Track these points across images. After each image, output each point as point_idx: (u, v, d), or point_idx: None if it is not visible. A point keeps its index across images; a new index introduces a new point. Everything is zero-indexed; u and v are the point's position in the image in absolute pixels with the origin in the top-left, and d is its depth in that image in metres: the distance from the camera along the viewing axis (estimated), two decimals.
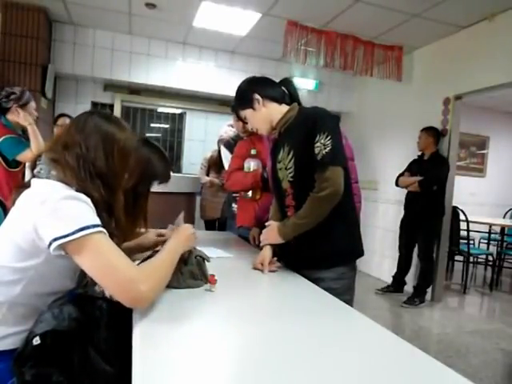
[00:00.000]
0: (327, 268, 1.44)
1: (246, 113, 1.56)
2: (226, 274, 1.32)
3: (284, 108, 1.53)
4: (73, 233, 0.87)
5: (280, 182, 1.52)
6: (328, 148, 1.34)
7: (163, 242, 1.33)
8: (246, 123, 1.67)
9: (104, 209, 1.00)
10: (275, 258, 1.52)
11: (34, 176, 1.04)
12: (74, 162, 0.99)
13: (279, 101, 1.54)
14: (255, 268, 1.48)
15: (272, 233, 1.49)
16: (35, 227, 0.90)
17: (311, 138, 1.37)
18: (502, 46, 3.33)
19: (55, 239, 0.87)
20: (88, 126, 1.05)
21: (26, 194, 0.99)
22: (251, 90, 1.53)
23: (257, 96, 1.51)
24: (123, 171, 1.12)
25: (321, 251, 1.44)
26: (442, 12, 3.39)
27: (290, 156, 1.45)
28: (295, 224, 1.43)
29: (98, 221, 0.93)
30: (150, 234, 1.52)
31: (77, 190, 0.96)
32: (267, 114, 1.52)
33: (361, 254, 1.53)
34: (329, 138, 1.35)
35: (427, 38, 4.02)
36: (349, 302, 1.25)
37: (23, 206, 0.97)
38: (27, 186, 1.01)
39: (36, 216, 0.91)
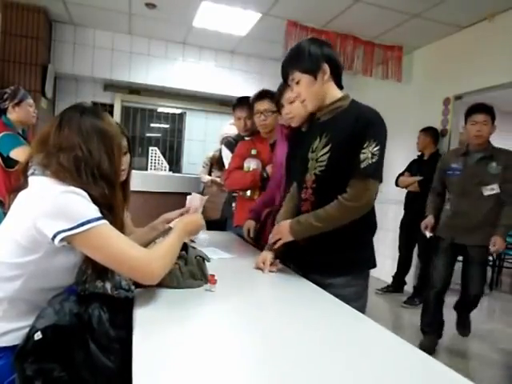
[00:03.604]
0: (338, 275, 1.37)
1: (303, 78, 1.34)
2: (226, 274, 1.32)
3: (338, 93, 1.38)
4: (77, 226, 0.90)
5: (303, 172, 1.41)
6: (375, 159, 1.25)
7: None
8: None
9: (104, 206, 1.00)
10: (278, 260, 1.49)
11: (26, 176, 1.02)
12: (71, 165, 0.98)
13: (340, 85, 1.40)
14: (257, 267, 1.47)
15: (283, 229, 1.40)
16: (35, 222, 0.91)
17: (358, 141, 1.26)
18: (502, 46, 3.33)
19: (59, 232, 0.89)
20: (84, 127, 1.02)
21: (24, 192, 0.99)
22: (324, 58, 1.33)
23: (326, 67, 1.33)
24: (120, 165, 1.13)
25: (334, 257, 1.37)
26: (442, 12, 3.39)
27: (326, 150, 1.33)
28: (311, 225, 1.32)
29: (99, 213, 0.95)
30: (159, 225, 1.48)
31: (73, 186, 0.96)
32: (323, 91, 1.35)
33: (375, 265, 1.47)
34: (378, 148, 1.25)
35: (427, 38, 4.02)
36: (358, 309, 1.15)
37: (23, 203, 0.98)
38: (23, 187, 1.01)
39: (36, 211, 0.92)
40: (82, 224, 0.90)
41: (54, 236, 0.90)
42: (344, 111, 1.35)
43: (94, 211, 0.94)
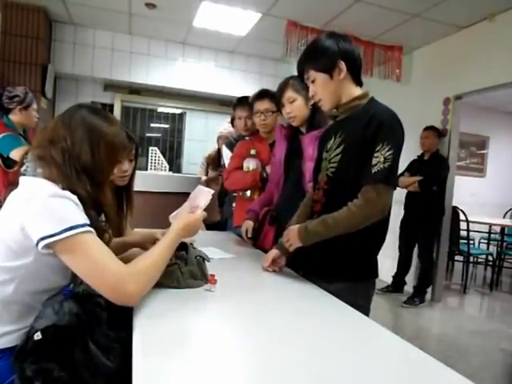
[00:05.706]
0: (333, 281, 1.30)
1: (318, 76, 1.30)
2: (226, 274, 1.32)
3: (355, 91, 1.32)
4: (59, 232, 0.87)
5: (317, 171, 1.38)
6: (387, 163, 1.18)
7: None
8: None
9: (92, 206, 0.98)
10: (283, 263, 1.46)
11: (20, 174, 1.01)
12: (60, 158, 0.97)
13: (359, 82, 1.33)
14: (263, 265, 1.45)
15: (293, 234, 1.34)
16: (22, 226, 0.90)
17: (370, 144, 1.20)
18: (501, 46, 3.32)
19: (42, 238, 0.87)
20: (74, 120, 1.02)
21: (14, 193, 0.98)
22: (340, 55, 1.27)
23: (342, 65, 1.27)
24: (110, 166, 1.09)
25: (329, 262, 1.32)
26: (442, 12, 3.39)
27: (339, 150, 1.28)
28: (318, 234, 1.27)
29: (85, 220, 0.92)
30: (137, 235, 1.46)
31: (63, 188, 0.94)
32: (339, 89, 1.30)
33: (377, 274, 1.43)
34: (391, 152, 1.18)
35: (427, 38, 4.02)
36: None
37: (11, 205, 0.96)
38: (17, 184, 1.00)
39: (22, 215, 0.90)
40: (62, 231, 0.87)
41: (37, 243, 0.88)
42: (360, 110, 1.29)
43: (78, 218, 0.91)
